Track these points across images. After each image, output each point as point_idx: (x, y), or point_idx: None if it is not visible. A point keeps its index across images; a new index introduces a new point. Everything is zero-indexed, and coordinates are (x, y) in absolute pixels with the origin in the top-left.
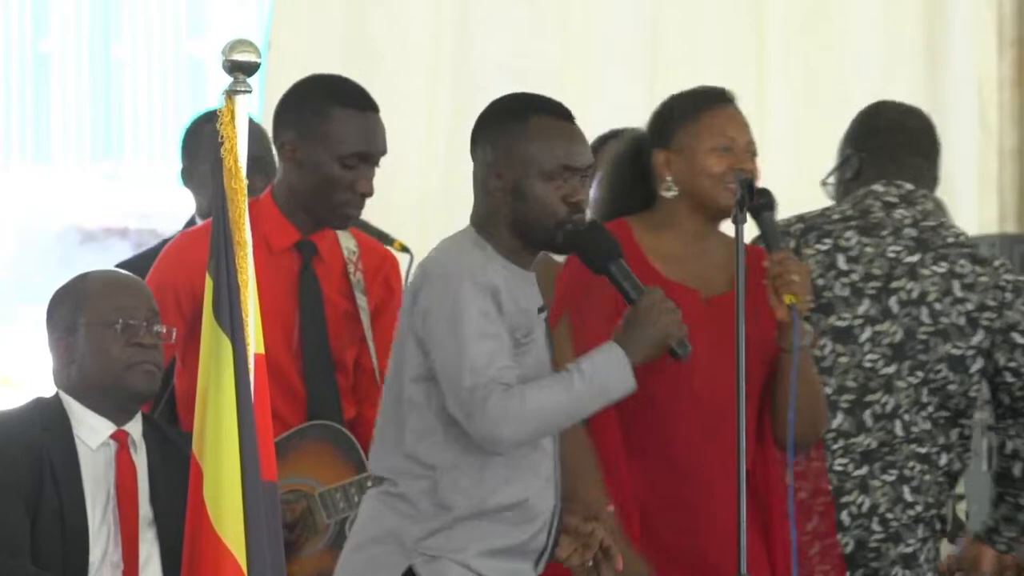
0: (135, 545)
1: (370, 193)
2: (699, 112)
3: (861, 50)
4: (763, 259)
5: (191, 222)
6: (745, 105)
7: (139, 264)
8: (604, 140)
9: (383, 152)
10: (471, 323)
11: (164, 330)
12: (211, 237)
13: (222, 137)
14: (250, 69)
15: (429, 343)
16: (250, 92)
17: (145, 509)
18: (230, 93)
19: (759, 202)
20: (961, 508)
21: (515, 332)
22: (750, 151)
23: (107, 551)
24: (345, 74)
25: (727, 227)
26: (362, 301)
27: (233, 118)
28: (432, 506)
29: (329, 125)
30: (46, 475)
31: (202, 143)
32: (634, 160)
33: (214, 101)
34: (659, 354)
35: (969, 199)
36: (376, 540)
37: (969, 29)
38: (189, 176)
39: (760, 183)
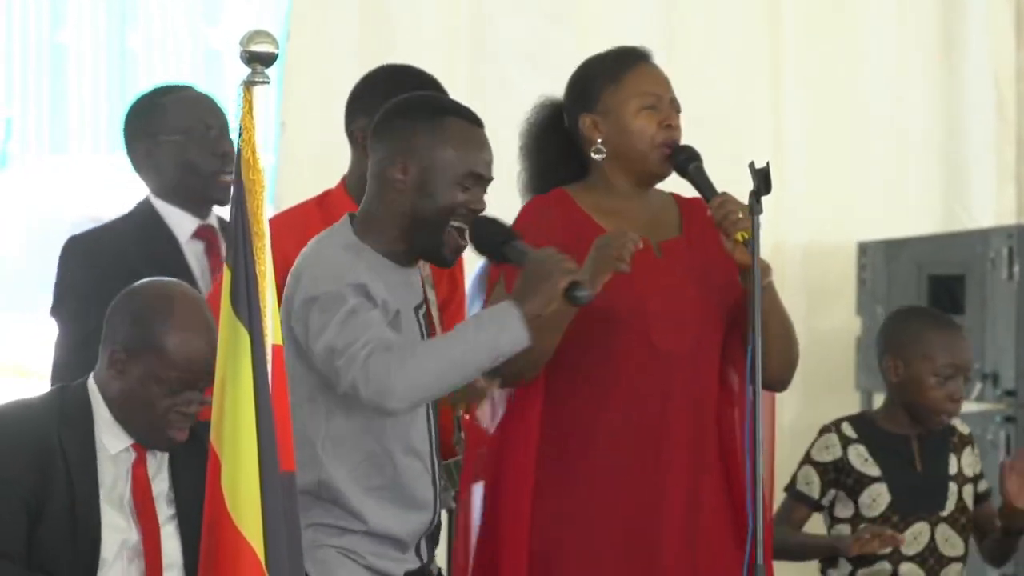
0: (156, 540)
1: None
2: (621, 72)
3: (877, 41)
4: (706, 209)
5: (145, 203)
6: (760, 95)
7: (98, 238)
8: None
9: None
10: (343, 310)
11: (209, 401)
12: (228, 228)
13: (241, 128)
14: (268, 60)
15: (307, 339)
16: (268, 83)
17: (164, 508)
18: (248, 84)
19: (681, 157)
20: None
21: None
22: (675, 107)
23: (125, 542)
24: (362, 63)
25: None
26: (431, 295)
27: (251, 109)
28: (309, 497)
29: None
30: (58, 469)
31: (146, 123)
32: (556, 127)
33: (231, 91)
34: (554, 302)
35: (987, 190)
36: None
37: (986, 19)
38: (138, 158)
39: (687, 141)
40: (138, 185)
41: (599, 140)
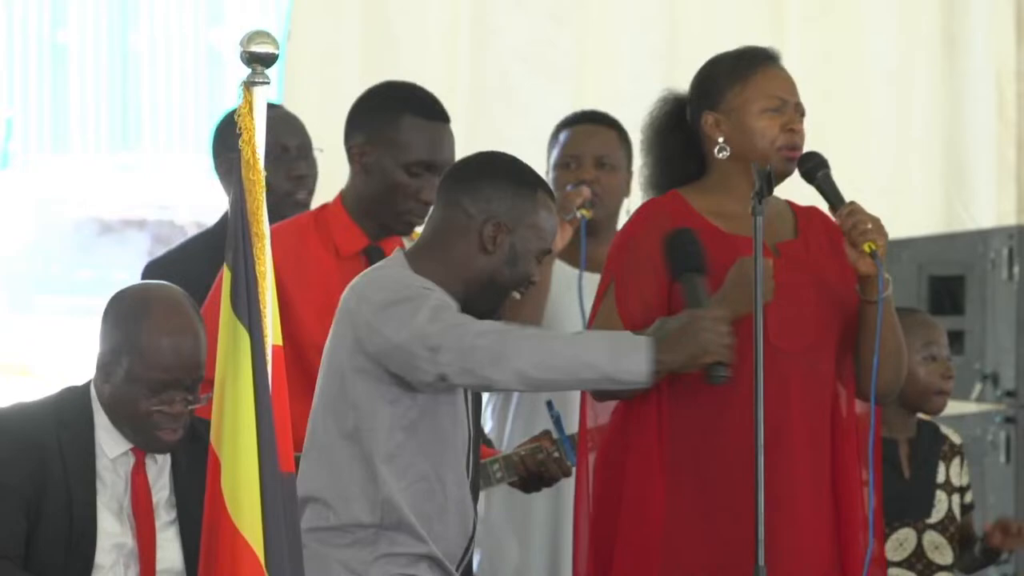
0: (151, 546)
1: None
2: (748, 73)
3: (878, 41)
4: (823, 215)
5: (224, 218)
6: None
7: (170, 262)
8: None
9: (449, 162)
10: (429, 303)
11: (201, 400)
12: (229, 229)
13: (240, 128)
14: (268, 60)
15: (384, 339)
16: (268, 83)
17: (163, 514)
18: (248, 84)
19: (809, 164)
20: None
21: None
22: (799, 111)
23: (121, 546)
24: (363, 64)
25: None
26: None
27: (251, 110)
28: (373, 530)
29: (397, 132)
30: (55, 473)
31: (227, 140)
32: (678, 123)
33: (232, 91)
34: (691, 366)
35: (987, 190)
36: None
37: (987, 20)
38: (220, 172)
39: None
40: (141, 187)
41: (721, 139)
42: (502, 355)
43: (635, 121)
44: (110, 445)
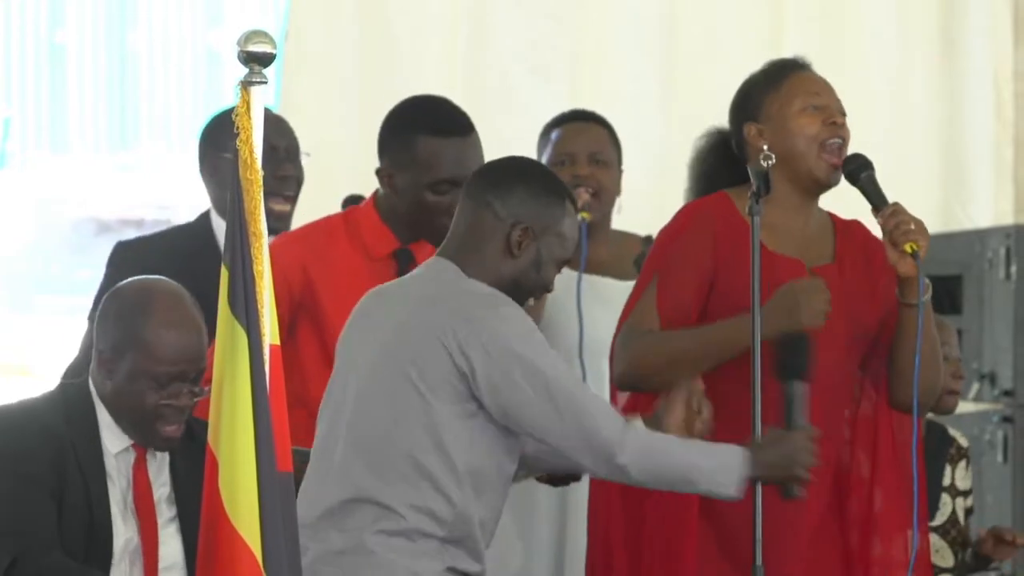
0: (154, 542)
1: None
2: (781, 78)
3: (877, 42)
4: (864, 230)
5: (204, 217)
6: None
7: (145, 246)
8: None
9: None
10: (562, 375)
11: (205, 392)
12: (227, 228)
13: (237, 128)
14: (265, 60)
15: (509, 390)
16: (266, 83)
17: (164, 510)
18: (245, 84)
19: (852, 166)
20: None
21: None
22: (839, 109)
23: (128, 541)
24: (361, 64)
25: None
26: None
27: (248, 109)
28: (437, 542)
29: (415, 154)
30: (72, 468)
31: (215, 139)
32: (719, 152)
33: (231, 92)
34: (773, 480)
35: (985, 190)
36: None
37: (985, 20)
38: (205, 170)
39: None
40: (139, 187)
41: (765, 147)
42: (634, 463)
43: (633, 120)
44: (112, 441)
